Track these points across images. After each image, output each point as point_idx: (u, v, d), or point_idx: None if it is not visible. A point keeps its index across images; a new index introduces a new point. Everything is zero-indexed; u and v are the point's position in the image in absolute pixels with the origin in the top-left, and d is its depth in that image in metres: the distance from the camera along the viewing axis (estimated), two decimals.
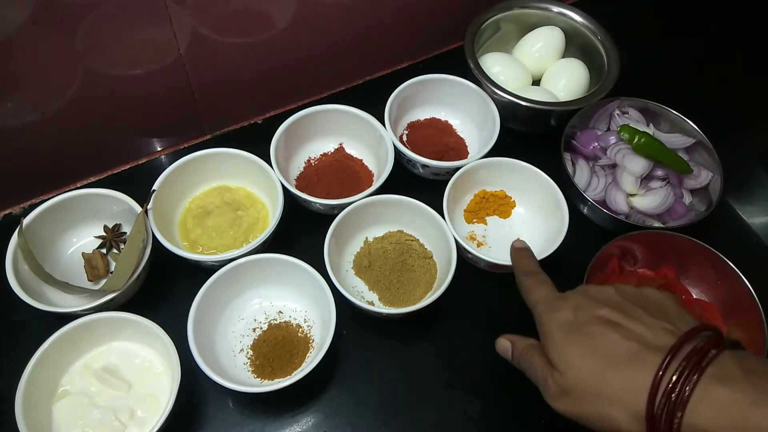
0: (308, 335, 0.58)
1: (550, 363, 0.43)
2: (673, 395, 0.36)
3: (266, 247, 0.61)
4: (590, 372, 0.39)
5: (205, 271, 0.58)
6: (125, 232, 0.62)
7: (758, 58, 0.88)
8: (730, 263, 0.59)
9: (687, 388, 0.35)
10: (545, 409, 0.42)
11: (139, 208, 0.59)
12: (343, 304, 0.56)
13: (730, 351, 0.37)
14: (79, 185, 0.68)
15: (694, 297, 0.63)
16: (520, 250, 0.54)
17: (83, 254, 0.61)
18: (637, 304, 0.42)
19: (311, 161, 0.70)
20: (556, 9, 0.77)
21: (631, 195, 0.67)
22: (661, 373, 0.37)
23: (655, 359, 0.37)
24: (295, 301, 0.60)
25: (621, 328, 0.40)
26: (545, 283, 0.48)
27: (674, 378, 0.36)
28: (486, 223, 0.68)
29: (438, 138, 0.72)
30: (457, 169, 0.65)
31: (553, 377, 0.42)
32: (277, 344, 0.57)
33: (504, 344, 0.49)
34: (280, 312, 0.60)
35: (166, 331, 0.52)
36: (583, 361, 0.40)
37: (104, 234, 0.62)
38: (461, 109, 0.74)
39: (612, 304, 0.42)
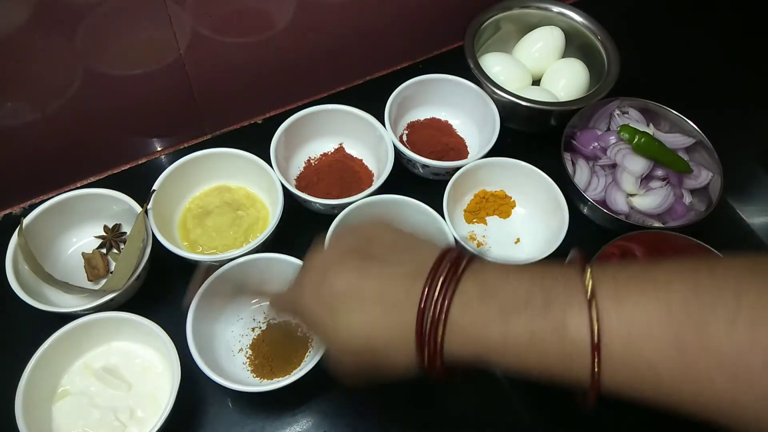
0: (307, 334, 0.58)
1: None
2: (433, 324, 0.35)
3: (266, 247, 0.61)
4: (357, 333, 0.38)
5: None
6: (125, 232, 0.62)
7: (758, 58, 0.88)
8: None
9: (441, 316, 0.35)
10: (546, 409, 0.42)
11: (139, 208, 0.59)
12: None
13: (471, 267, 0.37)
14: (79, 185, 0.68)
15: None
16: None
17: (83, 254, 0.61)
18: (370, 250, 0.40)
19: (311, 161, 0.70)
20: (556, 9, 0.77)
21: (631, 195, 0.67)
22: (422, 305, 0.36)
23: (414, 290, 0.36)
24: None
25: (368, 279, 0.38)
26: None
27: (432, 309, 0.35)
28: (486, 223, 0.68)
29: (438, 138, 0.72)
30: (457, 169, 0.65)
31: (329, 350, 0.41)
32: (276, 344, 0.57)
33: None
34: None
35: (166, 331, 0.52)
36: (345, 329, 0.38)
37: (104, 234, 0.62)
38: (461, 109, 0.74)
39: (348, 266, 0.39)
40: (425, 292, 0.36)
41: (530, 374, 0.35)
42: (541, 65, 0.77)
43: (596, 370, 0.32)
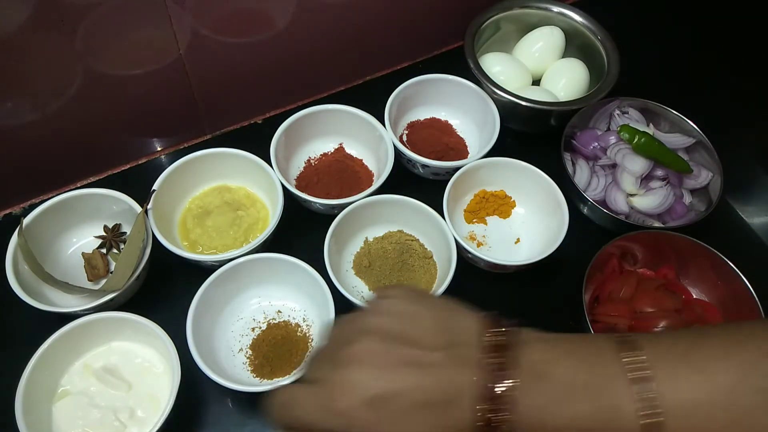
0: (307, 334, 0.58)
1: None
2: (492, 414, 0.33)
3: (266, 247, 0.61)
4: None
5: (204, 271, 0.57)
6: (125, 232, 0.62)
7: (758, 57, 0.88)
8: (730, 263, 0.59)
9: (500, 406, 0.33)
10: None
11: (139, 208, 0.59)
12: (343, 304, 0.56)
13: (521, 354, 0.35)
14: (79, 185, 0.68)
15: (694, 297, 0.63)
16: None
17: (83, 254, 0.61)
18: (408, 337, 0.35)
19: (311, 161, 0.70)
20: (556, 9, 0.77)
21: (631, 195, 0.67)
22: (479, 399, 0.33)
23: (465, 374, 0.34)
24: (294, 301, 0.60)
25: (417, 378, 0.34)
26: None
27: (489, 401, 0.33)
28: (486, 223, 0.68)
29: (438, 138, 0.72)
30: (457, 169, 0.65)
31: None
32: (276, 344, 0.57)
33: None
34: (279, 311, 0.60)
35: (166, 331, 0.52)
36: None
37: (104, 234, 0.62)
38: (461, 109, 0.74)
39: (391, 360, 0.34)
40: (479, 384, 0.34)
41: None
42: (541, 65, 0.77)
43: None
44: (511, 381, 0.34)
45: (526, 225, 0.68)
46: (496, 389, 0.33)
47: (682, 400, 0.32)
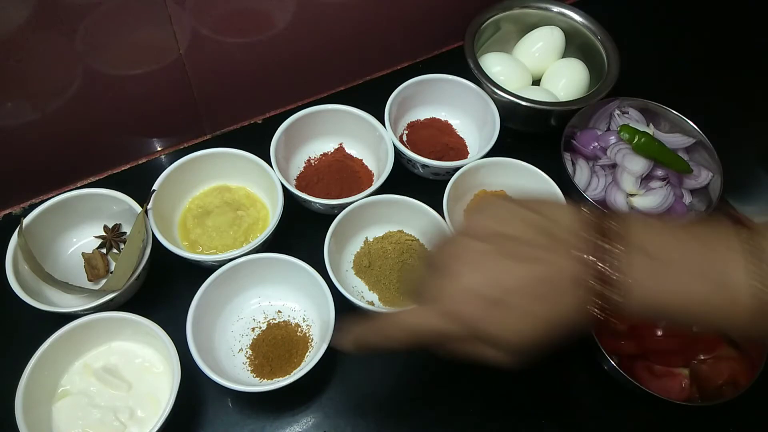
0: (307, 334, 0.58)
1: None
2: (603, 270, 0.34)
3: (266, 247, 0.61)
4: (529, 332, 0.36)
5: (204, 271, 0.57)
6: (125, 232, 0.62)
7: (758, 57, 0.88)
8: None
9: (615, 280, 0.34)
10: (546, 408, 0.42)
11: (139, 208, 0.59)
12: (343, 304, 0.56)
13: (612, 232, 0.36)
14: (79, 185, 0.68)
15: None
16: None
17: (83, 254, 0.61)
18: (507, 236, 0.37)
19: (311, 161, 0.70)
20: (556, 9, 0.77)
21: (631, 195, 0.67)
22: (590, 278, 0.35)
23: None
24: (294, 301, 0.60)
25: (526, 269, 0.36)
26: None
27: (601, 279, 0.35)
28: None
29: (438, 138, 0.72)
30: (457, 169, 0.65)
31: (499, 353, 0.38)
32: (276, 344, 0.57)
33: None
34: (279, 311, 0.60)
35: (166, 331, 0.52)
36: (519, 327, 0.36)
37: (104, 234, 0.62)
38: (461, 109, 0.74)
39: (495, 255, 0.37)
40: (590, 268, 0.35)
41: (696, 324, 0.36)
42: (541, 65, 0.77)
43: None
44: (619, 262, 0.34)
45: None
46: (606, 272, 0.34)
47: None
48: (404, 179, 0.67)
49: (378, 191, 0.63)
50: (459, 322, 0.37)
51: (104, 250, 0.62)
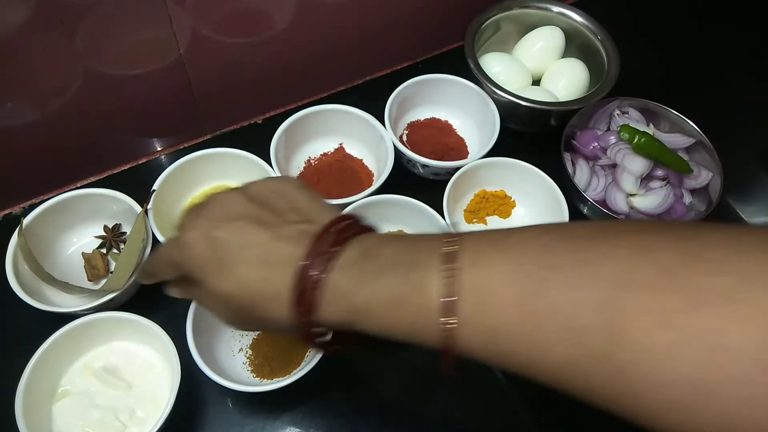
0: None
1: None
2: (309, 287, 0.35)
3: None
4: (244, 291, 0.37)
5: None
6: (125, 232, 0.62)
7: (758, 57, 0.88)
8: None
9: (318, 279, 0.35)
10: (546, 408, 0.42)
11: (139, 208, 0.59)
12: None
13: (359, 236, 0.37)
14: (79, 185, 0.68)
15: None
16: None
17: (83, 254, 0.61)
18: (269, 205, 0.39)
19: (311, 161, 0.70)
20: (556, 9, 0.77)
21: (631, 195, 0.67)
22: (301, 268, 0.35)
23: (296, 253, 0.36)
24: None
25: (258, 234, 0.37)
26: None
27: (310, 273, 0.35)
28: (486, 223, 0.68)
29: (438, 138, 0.72)
30: (457, 169, 0.65)
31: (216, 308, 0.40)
32: (276, 344, 0.57)
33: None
34: None
35: (166, 331, 0.52)
36: (234, 286, 0.37)
37: (104, 234, 0.62)
38: (461, 109, 0.74)
39: (243, 215, 0.38)
40: (307, 255, 0.36)
41: (394, 336, 0.35)
42: (541, 65, 0.77)
43: (449, 331, 0.32)
44: (333, 256, 0.35)
45: (526, 225, 0.68)
46: (316, 260, 0.35)
47: (474, 281, 0.32)
48: (404, 179, 0.67)
49: (378, 191, 0.63)
50: (183, 256, 0.39)
51: (104, 250, 0.62)
